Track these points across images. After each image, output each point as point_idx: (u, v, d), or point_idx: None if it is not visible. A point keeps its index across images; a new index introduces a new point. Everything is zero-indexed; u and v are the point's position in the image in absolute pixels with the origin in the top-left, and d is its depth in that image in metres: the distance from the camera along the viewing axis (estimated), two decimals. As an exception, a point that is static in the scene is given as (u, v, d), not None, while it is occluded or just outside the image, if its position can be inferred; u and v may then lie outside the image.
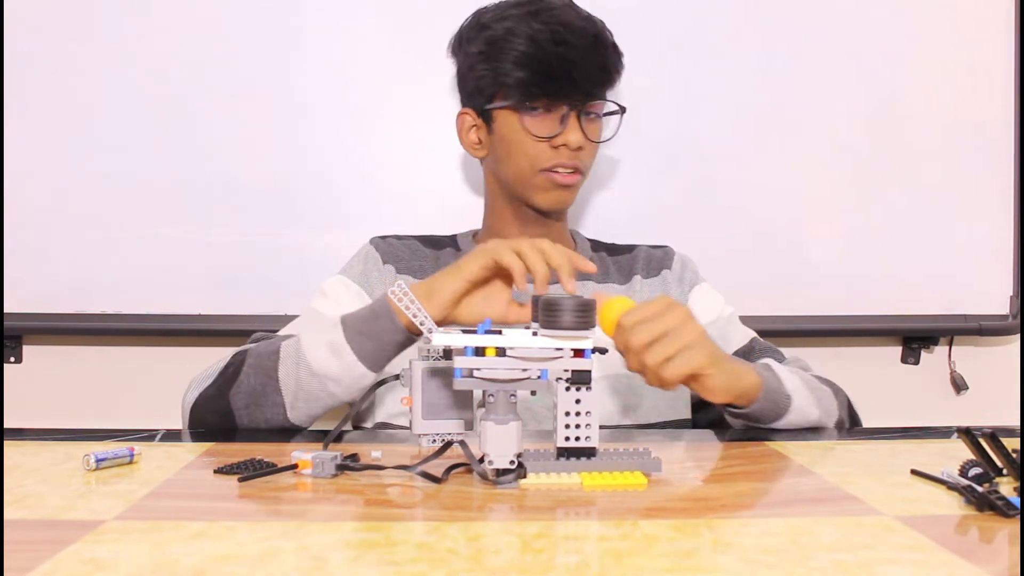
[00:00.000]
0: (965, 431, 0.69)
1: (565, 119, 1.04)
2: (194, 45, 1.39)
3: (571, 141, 1.04)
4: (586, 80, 1.04)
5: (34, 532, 0.56)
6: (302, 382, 0.89)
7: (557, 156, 1.05)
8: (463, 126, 1.13)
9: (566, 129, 1.04)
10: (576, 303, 0.67)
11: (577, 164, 1.06)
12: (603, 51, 1.05)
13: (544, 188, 1.07)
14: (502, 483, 0.67)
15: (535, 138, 1.05)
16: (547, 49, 1.01)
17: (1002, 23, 1.49)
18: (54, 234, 1.39)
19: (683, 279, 1.17)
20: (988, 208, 1.49)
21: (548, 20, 1.02)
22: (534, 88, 1.03)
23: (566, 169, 1.06)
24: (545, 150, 1.05)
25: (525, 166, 1.07)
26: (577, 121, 1.05)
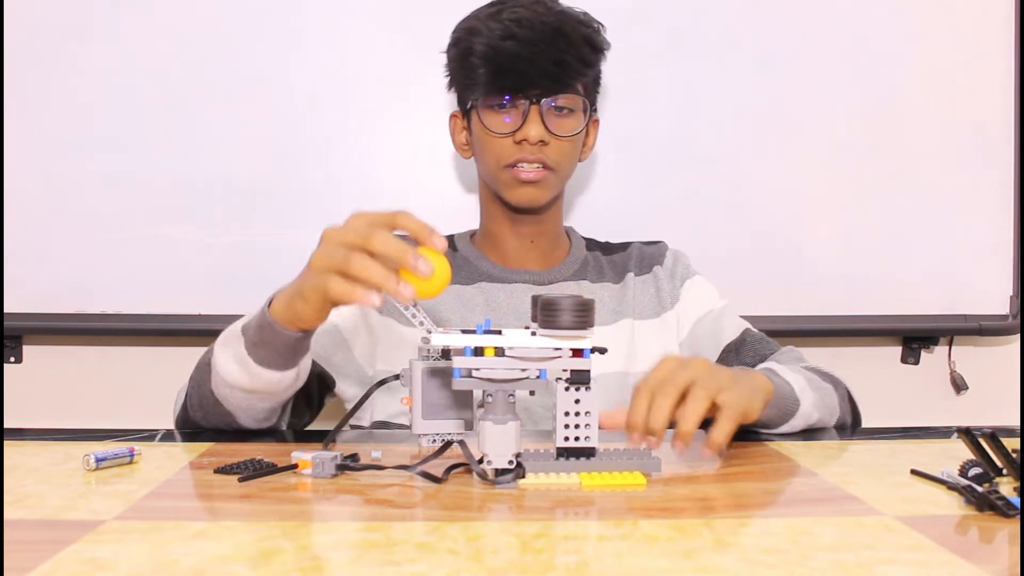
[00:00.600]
0: (965, 431, 0.69)
1: (527, 114, 1.04)
2: (194, 45, 1.39)
3: (530, 135, 1.03)
4: (540, 74, 1.02)
5: (34, 532, 0.56)
6: (229, 395, 0.86)
7: (519, 151, 1.05)
8: (455, 128, 1.14)
9: (525, 123, 1.04)
10: (575, 303, 0.67)
11: (541, 159, 1.05)
12: (563, 44, 1.03)
13: (510, 185, 1.07)
14: (501, 483, 0.67)
15: (496, 134, 1.05)
16: (498, 46, 1.02)
17: (1002, 23, 1.49)
18: (54, 234, 1.39)
19: (674, 274, 1.17)
20: (988, 208, 1.49)
21: (506, 18, 1.03)
22: (491, 84, 1.04)
23: (529, 164, 1.05)
24: (508, 146, 1.05)
25: (492, 163, 1.07)
26: (538, 115, 1.04)
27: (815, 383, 0.96)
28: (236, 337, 0.84)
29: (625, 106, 1.44)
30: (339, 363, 1.06)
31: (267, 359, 0.82)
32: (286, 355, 0.82)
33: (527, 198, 1.07)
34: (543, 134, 1.04)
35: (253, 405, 0.86)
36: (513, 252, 1.14)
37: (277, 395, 0.86)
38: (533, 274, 1.14)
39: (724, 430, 0.74)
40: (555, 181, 1.08)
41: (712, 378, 0.75)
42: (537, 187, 1.06)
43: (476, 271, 1.13)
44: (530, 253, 1.15)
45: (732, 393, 0.75)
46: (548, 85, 1.04)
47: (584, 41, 1.05)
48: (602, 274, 1.16)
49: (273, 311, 0.80)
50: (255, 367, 0.82)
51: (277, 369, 0.83)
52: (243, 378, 0.84)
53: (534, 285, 1.12)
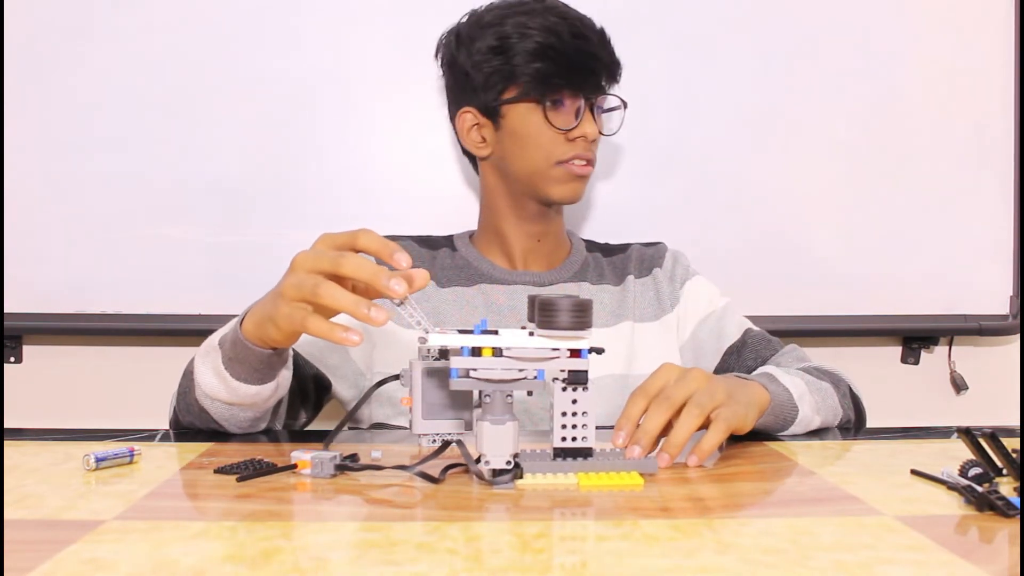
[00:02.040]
0: (965, 431, 0.69)
1: (580, 112, 1.06)
2: (194, 45, 1.39)
3: (588, 133, 1.06)
4: (602, 72, 1.07)
5: (34, 532, 0.56)
6: (211, 406, 0.86)
7: (574, 148, 1.07)
8: (464, 126, 1.12)
9: (582, 121, 1.06)
10: (572, 303, 0.67)
11: (591, 156, 1.09)
12: (611, 46, 1.09)
13: (561, 180, 1.08)
14: (498, 483, 0.67)
15: (555, 130, 1.06)
16: (566, 40, 1.04)
17: (1002, 23, 1.49)
18: (54, 234, 1.39)
19: (674, 276, 1.17)
20: (988, 208, 1.49)
21: (561, 14, 1.05)
22: (555, 79, 1.04)
23: (581, 161, 1.07)
24: (562, 142, 1.07)
25: (540, 159, 1.07)
26: (591, 113, 1.07)
27: (814, 385, 0.95)
28: (214, 349, 0.83)
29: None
30: (335, 364, 1.06)
31: (243, 375, 0.81)
32: (262, 371, 0.81)
33: (574, 193, 1.10)
34: (596, 132, 1.07)
35: (235, 415, 0.86)
36: (518, 252, 1.14)
37: (258, 406, 0.85)
38: (534, 275, 1.14)
39: (712, 441, 0.75)
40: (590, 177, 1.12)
41: (708, 394, 0.77)
42: (583, 182, 1.10)
43: (476, 273, 1.13)
44: (534, 253, 1.15)
45: (726, 410, 0.77)
46: (602, 83, 1.08)
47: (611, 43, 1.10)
48: (602, 276, 1.16)
49: (245, 330, 0.79)
50: (232, 381, 0.81)
51: (254, 383, 0.82)
52: (222, 391, 0.83)
53: (534, 287, 1.12)
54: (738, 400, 0.79)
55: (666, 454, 0.74)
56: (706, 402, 0.76)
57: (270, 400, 0.85)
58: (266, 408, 0.87)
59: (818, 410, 0.94)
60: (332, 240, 0.73)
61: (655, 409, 0.76)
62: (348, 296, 0.68)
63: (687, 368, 0.81)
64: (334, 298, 0.68)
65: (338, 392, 1.08)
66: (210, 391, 0.84)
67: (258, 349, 0.79)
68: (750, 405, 0.82)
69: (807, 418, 0.92)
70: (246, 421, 0.87)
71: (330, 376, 1.06)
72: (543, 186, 1.09)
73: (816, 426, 0.94)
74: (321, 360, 1.05)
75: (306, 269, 0.71)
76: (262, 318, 0.77)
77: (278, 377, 0.84)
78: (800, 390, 0.92)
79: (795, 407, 0.90)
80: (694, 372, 0.79)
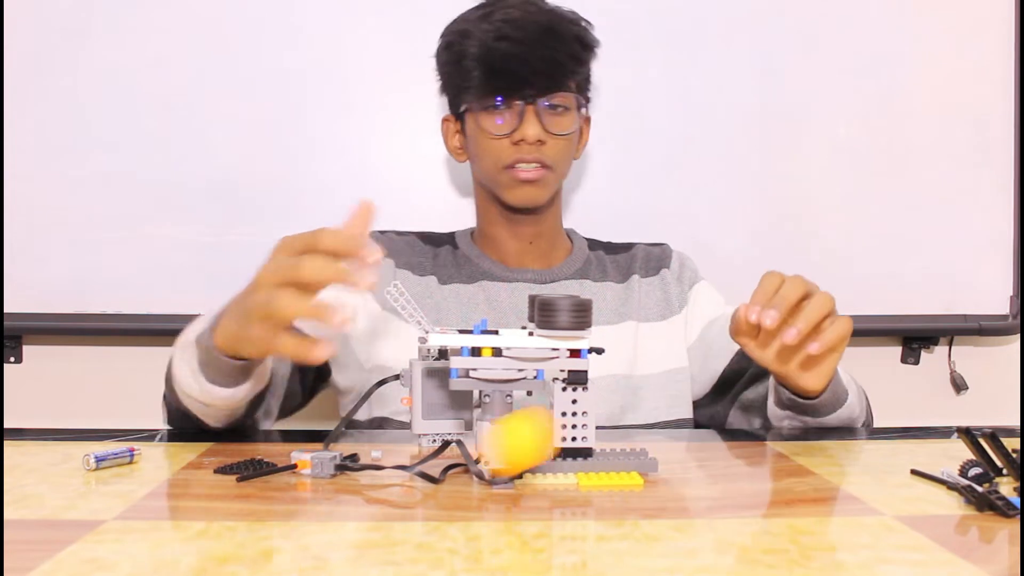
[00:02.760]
0: (965, 431, 0.69)
1: (523, 114, 1.04)
2: (194, 45, 1.40)
3: (528, 135, 1.03)
4: (535, 73, 1.02)
5: (34, 532, 0.56)
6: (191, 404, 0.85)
7: (517, 152, 1.05)
8: (447, 132, 1.15)
9: (523, 124, 1.04)
10: (572, 303, 0.67)
11: (540, 159, 1.05)
12: (555, 43, 1.03)
13: (510, 186, 1.07)
14: (497, 483, 0.67)
15: (493, 136, 1.06)
16: (492, 47, 1.02)
17: (1002, 23, 1.49)
18: (54, 234, 1.39)
19: (682, 277, 1.17)
20: (988, 208, 1.49)
21: (498, 19, 1.03)
22: (485, 86, 1.04)
23: (527, 164, 1.05)
24: (506, 147, 1.05)
25: (490, 165, 1.08)
26: (535, 115, 1.04)
27: (852, 379, 0.96)
28: (191, 346, 0.82)
29: (625, 106, 1.44)
30: (338, 353, 1.06)
31: (216, 379, 0.81)
32: (235, 375, 0.81)
33: (527, 198, 1.08)
34: (540, 133, 1.04)
35: (215, 414, 0.86)
36: (513, 253, 1.14)
37: (233, 406, 0.84)
38: (535, 273, 1.13)
39: (838, 333, 0.81)
40: (553, 180, 1.08)
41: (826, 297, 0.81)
42: (536, 186, 1.07)
43: (478, 270, 1.13)
44: (529, 254, 1.15)
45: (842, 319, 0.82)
46: (543, 84, 1.04)
47: (575, 39, 1.06)
48: (605, 273, 1.16)
49: (217, 343, 0.77)
50: (206, 384, 0.81)
51: (228, 387, 0.81)
52: (196, 391, 0.82)
53: (536, 284, 1.12)
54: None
55: (795, 328, 0.77)
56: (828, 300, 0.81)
57: (246, 399, 0.85)
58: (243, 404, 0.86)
59: (859, 403, 0.95)
60: (291, 246, 0.72)
61: (791, 283, 0.80)
62: (305, 302, 0.68)
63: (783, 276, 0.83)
64: (291, 307, 0.68)
65: (336, 382, 1.08)
66: (187, 389, 0.83)
67: (231, 361, 0.78)
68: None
69: (851, 405, 0.93)
70: (226, 417, 0.87)
71: (331, 363, 1.06)
72: (500, 192, 1.09)
73: (855, 418, 0.95)
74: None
75: (268, 284, 0.70)
76: (234, 337, 0.75)
77: (251, 381, 0.83)
78: (847, 377, 0.94)
79: (846, 391, 0.92)
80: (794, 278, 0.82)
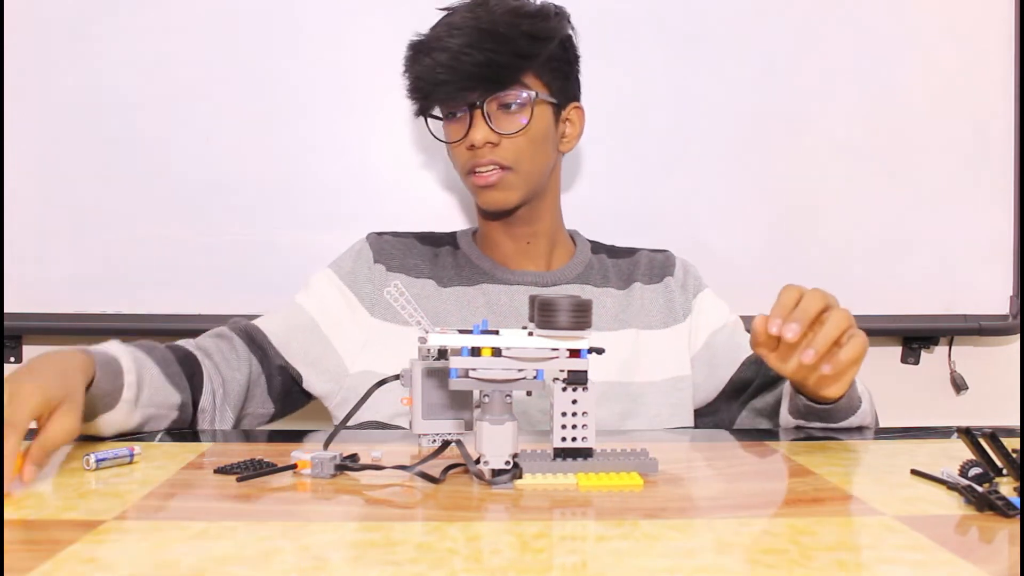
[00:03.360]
0: (965, 431, 0.69)
1: (471, 119, 1.04)
2: (195, 45, 1.40)
3: (475, 139, 1.03)
4: (470, 78, 1.01)
5: (34, 532, 0.56)
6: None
7: (473, 157, 1.05)
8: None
9: (470, 129, 1.03)
10: (572, 303, 0.67)
11: (495, 160, 1.04)
12: (488, 44, 1.00)
13: (474, 191, 1.08)
14: (497, 483, 0.67)
15: (450, 144, 1.08)
16: (421, 63, 1.03)
17: (1002, 23, 1.49)
18: (54, 234, 1.39)
19: (686, 285, 1.16)
20: (988, 208, 1.49)
21: (439, 30, 1.03)
22: (428, 99, 1.06)
23: (483, 168, 1.04)
24: (462, 153, 1.06)
25: (457, 171, 1.10)
26: (483, 118, 1.03)
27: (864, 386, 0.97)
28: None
29: (625, 106, 1.44)
30: (316, 357, 1.07)
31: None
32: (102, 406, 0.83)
33: (492, 201, 1.07)
34: (489, 136, 1.03)
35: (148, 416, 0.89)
36: (512, 254, 1.14)
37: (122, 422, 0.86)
38: (536, 275, 1.13)
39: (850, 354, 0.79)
40: (517, 180, 1.06)
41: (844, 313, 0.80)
42: (498, 189, 1.06)
43: (478, 271, 1.13)
44: (527, 255, 1.14)
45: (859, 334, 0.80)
46: (485, 86, 1.02)
47: (521, 34, 1.02)
48: (607, 278, 1.15)
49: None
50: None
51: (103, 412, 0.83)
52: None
53: (536, 287, 1.12)
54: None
55: (812, 350, 0.77)
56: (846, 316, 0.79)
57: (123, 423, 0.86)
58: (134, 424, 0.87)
59: (871, 409, 0.96)
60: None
61: (810, 296, 0.79)
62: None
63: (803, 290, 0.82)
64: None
65: (313, 386, 1.07)
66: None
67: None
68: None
69: (865, 411, 0.93)
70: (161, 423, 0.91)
71: (302, 369, 1.06)
72: (472, 196, 1.11)
73: (867, 422, 0.95)
74: (296, 353, 1.06)
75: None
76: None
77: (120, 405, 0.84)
78: (861, 387, 0.94)
79: (859, 397, 0.92)
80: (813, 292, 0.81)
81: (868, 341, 0.82)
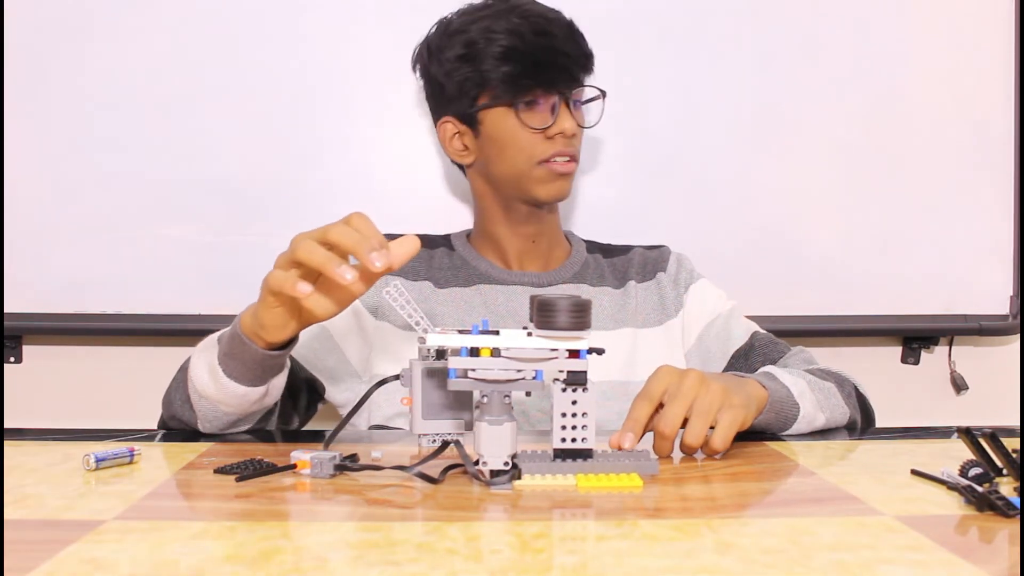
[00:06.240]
0: (965, 431, 0.69)
1: (555, 108, 1.05)
2: (195, 46, 1.40)
3: (567, 128, 1.05)
4: (573, 66, 1.05)
5: (34, 532, 0.56)
6: (198, 402, 0.87)
7: (554, 146, 1.06)
8: (445, 135, 1.12)
9: (559, 118, 1.05)
10: (571, 303, 0.67)
11: (573, 152, 1.07)
12: (580, 38, 1.07)
13: (544, 180, 1.07)
14: (496, 484, 0.67)
15: (532, 130, 1.05)
16: (530, 40, 1.03)
17: (1002, 23, 1.49)
18: (54, 234, 1.39)
19: (678, 280, 1.16)
20: (988, 208, 1.49)
21: (524, 14, 1.04)
22: (524, 80, 1.03)
23: (563, 158, 1.06)
24: (541, 141, 1.06)
25: (521, 161, 1.07)
26: (567, 108, 1.06)
27: (817, 384, 0.95)
28: (213, 345, 0.85)
29: (625, 106, 1.44)
30: (332, 367, 1.06)
31: (236, 372, 0.83)
32: (255, 371, 0.82)
33: (559, 191, 1.09)
34: (575, 127, 1.06)
35: (219, 413, 0.87)
36: (513, 253, 1.14)
37: (243, 408, 0.86)
38: (532, 276, 1.13)
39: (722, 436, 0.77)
40: (575, 172, 1.10)
41: (708, 401, 0.78)
42: (567, 180, 1.09)
43: (474, 273, 1.13)
44: (530, 254, 1.14)
45: (729, 414, 0.78)
46: (574, 78, 1.06)
47: (582, 35, 1.08)
48: (602, 278, 1.16)
49: (243, 324, 0.81)
50: (224, 378, 0.83)
51: (245, 384, 0.83)
52: (211, 387, 0.84)
53: (533, 287, 1.12)
54: (734, 402, 0.80)
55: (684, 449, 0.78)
56: (707, 409, 0.77)
57: (256, 405, 0.86)
58: (250, 412, 0.88)
59: (821, 408, 0.93)
60: (304, 233, 0.75)
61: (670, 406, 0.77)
62: (320, 252, 0.71)
63: (684, 370, 0.81)
64: (309, 253, 0.71)
65: (332, 396, 1.09)
66: (200, 386, 0.85)
67: (253, 346, 0.80)
68: (748, 404, 0.82)
69: (810, 415, 0.91)
70: (227, 420, 0.88)
71: (324, 380, 1.07)
72: (528, 187, 1.08)
73: (822, 425, 0.94)
74: (316, 364, 1.06)
75: (283, 260, 0.75)
76: (252, 314, 0.79)
77: (269, 384, 0.85)
78: (800, 388, 0.92)
79: (796, 404, 0.90)
80: (691, 376, 0.79)
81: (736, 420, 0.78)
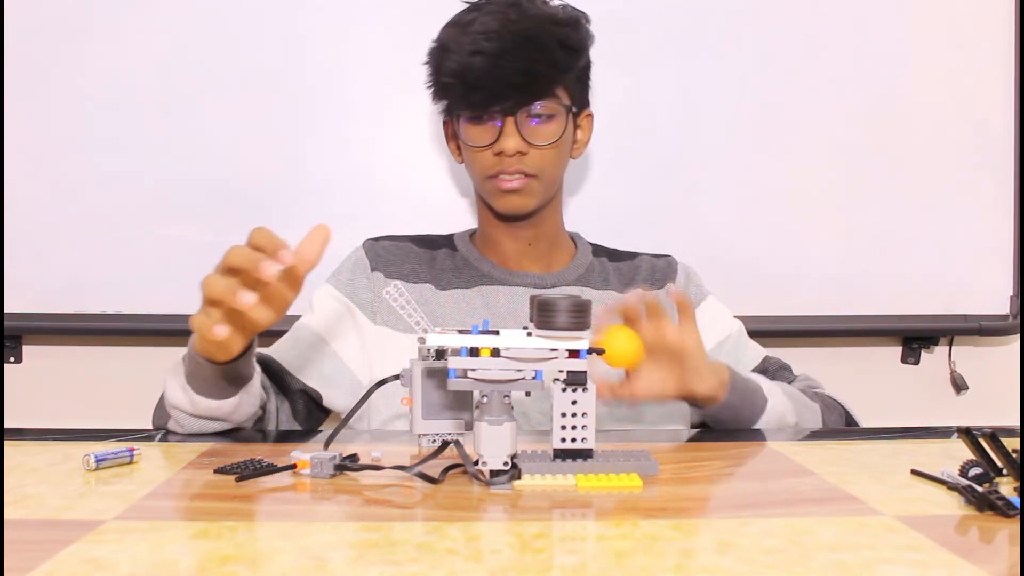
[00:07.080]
0: (965, 431, 0.69)
1: (503, 126, 1.03)
2: (195, 46, 1.40)
3: (507, 148, 1.02)
4: (511, 87, 1.00)
5: (34, 532, 0.56)
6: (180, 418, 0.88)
7: (499, 163, 1.04)
8: (447, 134, 1.14)
9: (502, 136, 1.03)
10: (571, 303, 0.67)
11: (521, 169, 1.04)
12: (534, 52, 1.00)
13: (494, 194, 1.07)
14: (495, 484, 0.67)
15: (475, 147, 1.05)
16: (467, 63, 1.00)
17: (1002, 23, 1.49)
18: (54, 234, 1.39)
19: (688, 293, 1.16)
20: (988, 208, 1.49)
21: (475, 31, 1.01)
22: (463, 100, 1.03)
23: (508, 176, 1.04)
24: (488, 157, 1.05)
25: (475, 174, 1.08)
26: (515, 126, 1.03)
27: (797, 397, 0.98)
28: (179, 364, 0.86)
29: (625, 106, 1.44)
30: (330, 373, 1.07)
31: (204, 389, 0.84)
32: (219, 385, 0.84)
33: (511, 206, 1.07)
34: (520, 145, 1.03)
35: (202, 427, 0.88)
36: (512, 255, 1.14)
37: (222, 420, 0.88)
38: (535, 277, 1.13)
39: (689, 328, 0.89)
40: (539, 187, 1.07)
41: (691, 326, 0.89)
42: (520, 195, 1.06)
43: (477, 273, 1.13)
44: (528, 255, 1.14)
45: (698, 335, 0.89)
46: (520, 96, 1.02)
47: (558, 45, 1.02)
48: (607, 281, 1.15)
49: (195, 345, 0.82)
50: (193, 394, 0.84)
51: (214, 398, 0.84)
52: (186, 403, 0.86)
53: (535, 288, 1.12)
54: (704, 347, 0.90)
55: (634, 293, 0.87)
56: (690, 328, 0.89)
57: (236, 414, 0.87)
58: (234, 420, 0.89)
59: (795, 413, 0.96)
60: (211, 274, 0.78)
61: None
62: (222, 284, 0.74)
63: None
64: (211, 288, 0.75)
65: (333, 402, 1.08)
66: (176, 403, 0.86)
67: (207, 363, 0.82)
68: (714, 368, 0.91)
69: (780, 412, 0.95)
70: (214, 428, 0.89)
71: (320, 389, 1.07)
72: (487, 199, 1.09)
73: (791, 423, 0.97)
74: (310, 373, 1.06)
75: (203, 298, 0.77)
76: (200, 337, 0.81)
77: (239, 395, 0.86)
78: (770, 387, 0.95)
79: (764, 397, 0.94)
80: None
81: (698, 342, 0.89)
